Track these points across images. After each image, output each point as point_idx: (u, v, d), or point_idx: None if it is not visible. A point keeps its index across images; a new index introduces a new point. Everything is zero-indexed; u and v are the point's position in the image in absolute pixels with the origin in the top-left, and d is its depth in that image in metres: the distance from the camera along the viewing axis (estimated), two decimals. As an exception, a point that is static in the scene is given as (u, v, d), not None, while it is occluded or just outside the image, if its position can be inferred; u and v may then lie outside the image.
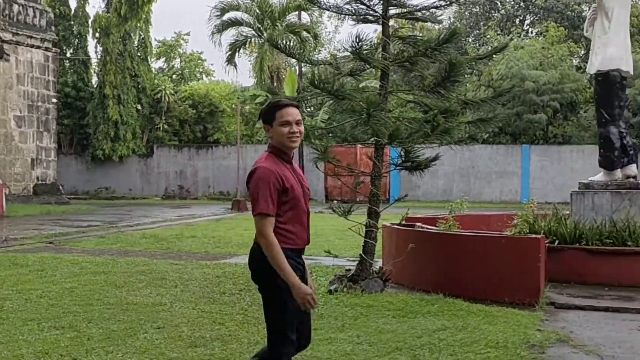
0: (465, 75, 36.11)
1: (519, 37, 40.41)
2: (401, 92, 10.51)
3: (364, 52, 9.42)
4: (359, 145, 25.22)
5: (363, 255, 9.44)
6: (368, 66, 10.02)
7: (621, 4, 11.78)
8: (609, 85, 11.83)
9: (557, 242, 10.36)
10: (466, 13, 47.23)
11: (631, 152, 11.90)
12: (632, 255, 10.00)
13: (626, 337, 7.13)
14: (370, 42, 9.67)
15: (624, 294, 9.28)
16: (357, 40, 9.14)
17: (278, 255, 4.22)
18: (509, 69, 34.49)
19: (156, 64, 49.11)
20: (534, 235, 9.55)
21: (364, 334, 6.93)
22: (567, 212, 11.70)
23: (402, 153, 9.88)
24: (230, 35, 30.44)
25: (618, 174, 11.72)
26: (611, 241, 10.29)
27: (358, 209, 9.71)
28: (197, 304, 8.40)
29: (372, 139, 9.79)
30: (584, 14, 38.67)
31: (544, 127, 35.14)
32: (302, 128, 4.42)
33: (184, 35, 50.98)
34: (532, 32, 45.23)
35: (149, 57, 41.77)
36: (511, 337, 6.84)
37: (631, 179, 11.71)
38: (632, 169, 11.84)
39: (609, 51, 11.72)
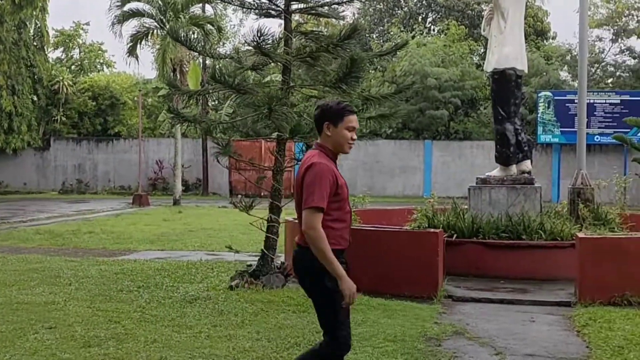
0: (370, 71, 36.63)
1: (422, 34, 41.17)
2: (303, 87, 10.52)
3: (266, 46, 9.37)
4: (264, 140, 25.19)
5: (265, 250, 9.42)
6: (270, 60, 9.98)
7: (516, 5, 12.18)
8: (505, 83, 12.20)
9: (455, 236, 10.63)
10: (370, 10, 47.75)
11: (526, 148, 12.32)
12: (526, 249, 10.37)
13: (519, 329, 7.37)
14: (273, 36, 9.62)
15: (518, 286, 9.60)
16: (259, 35, 9.09)
17: (327, 248, 4.23)
18: (412, 65, 35.10)
19: (54, 54, 47.54)
20: (432, 230, 9.76)
21: (263, 330, 6.92)
22: (466, 207, 12.01)
23: (304, 148, 9.92)
24: (131, 26, 29.77)
25: (513, 169, 12.12)
26: (507, 235, 10.64)
27: (262, 204, 9.68)
28: (93, 302, 8.18)
29: (274, 134, 9.78)
30: (483, 13, 39.76)
31: (446, 123, 35.97)
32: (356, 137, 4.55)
33: (84, 25, 49.51)
34: (434, 30, 46.14)
35: (45, 47, 40.33)
36: (409, 331, 6.97)
37: (526, 175, 12.14)
38: (527, 164, 12.27)
39: (505, 50, 12.10)
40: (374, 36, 45.82)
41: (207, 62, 33.02)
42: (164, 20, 27.83)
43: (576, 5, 13.77)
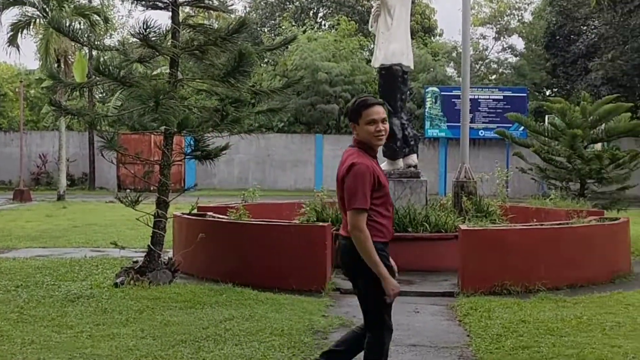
0: (261, 65, 36.56)
1: (313, 29, 41.43)
2: (191, 80, 10.37)
3: (153, 38, 9.19)
4: (154, 133, 24.73)
5: (151, 246, 9.24)
6: (158, 53, 9.78)
7: (402, 2, 12.41)
8: (391, 78, 12.43)
9: (343, 229, 10.73)
10: (262, 3, 47.69)
11: (412, 142, 12.59)
12: (412, 241, 10.58)
13: (404, 319, 7.53)
14: (160, 28, 9.43)
15: (404, 278, 9.75)
16: (145, 27, 8.90)
17: (372, 249, 4.40)
18: (303, 59, 35.27)
19: None
20: (320, 224, 9.83)
21: (148, 328, 6.79)
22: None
23: (192, 142, 9.80)
24: (12, 14, 28.63)
25: (400, 163, 12.36)
26: (393, 227, 10.82)
27: (150, 199, 9.48)
28: (-33, 304, 7.81)
29: (162, 128, 9.61)
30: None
31: (337, 117, 36.35)
32: (387, 126, 4.59)
33: (-40, 12, 47.10)
34: (325, 25, 46.52)
35: None
36: (296, 324, 6.99)
37: (412, 168, 12.40)
38: (413, 158, 12.54)
39: (392, 47, 12.32)
40: (266, 30, 45.76)
41: (94, 53, 32.11)
42: (47, 9, 26.82)
43: (460, 4, 14.17)
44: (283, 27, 41.20)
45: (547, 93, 41.11)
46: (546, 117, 27.42)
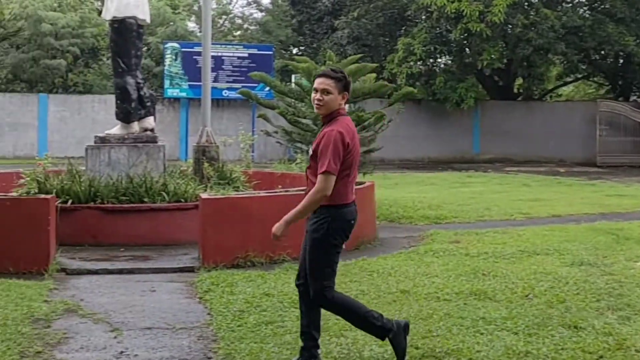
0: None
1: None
2: None
3: None
4: None
5: None
6: None
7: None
8: (125, 33, 12.04)
9: (70, 201, 10.27)
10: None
11: (148, 104, 12.32)
12: (148, 212, 10.40)
13: (138, 300, 7.34)
14: None
15: (139, 254, 9.60)
16: None
17: None
18: (24, 8, 33.16)
19: None
20: (43, 196, 9.31)
21: None
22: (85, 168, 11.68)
23: None
24: None
25: (135, 127, 12.06)
26: (127, 198, 10.55)
27: None
28: None
29: None
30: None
31: (64, 74, 34.71)
32: (327, 97, 5.08)
33: None
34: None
35: None
36: (12, 313, 6.55)
37: (148, 132, 12.15)
38: (150, 121, 12.29)
39: (125, -3, 11.90)
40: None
41: None
42: None
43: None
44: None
45: (294, 51, 42.22)
46: (293, 76, 28.11)
